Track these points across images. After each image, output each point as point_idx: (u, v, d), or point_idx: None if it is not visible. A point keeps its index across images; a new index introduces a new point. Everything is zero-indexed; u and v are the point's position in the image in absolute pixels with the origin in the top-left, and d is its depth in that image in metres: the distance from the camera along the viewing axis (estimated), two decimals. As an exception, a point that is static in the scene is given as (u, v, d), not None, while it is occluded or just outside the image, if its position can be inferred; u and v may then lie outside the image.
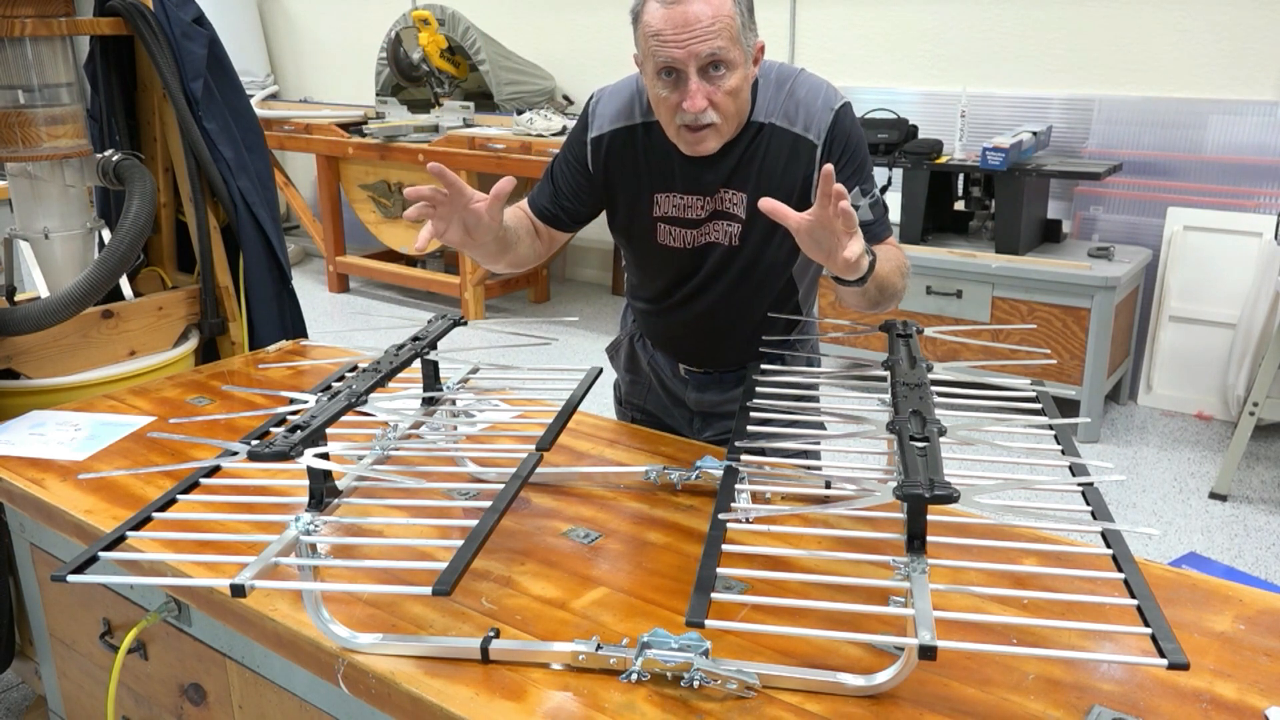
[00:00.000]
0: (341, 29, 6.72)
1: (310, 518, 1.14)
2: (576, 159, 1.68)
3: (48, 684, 1.92)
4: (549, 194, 1.70)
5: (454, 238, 1.44)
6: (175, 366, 2.37)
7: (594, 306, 5.66)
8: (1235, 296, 3.91)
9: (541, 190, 1.72)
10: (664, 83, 1.46)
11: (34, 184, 2.23)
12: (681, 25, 1.40)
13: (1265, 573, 2.96)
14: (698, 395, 1.84)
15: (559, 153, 1.72)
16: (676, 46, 1.41)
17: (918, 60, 4.62)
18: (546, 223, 1.71)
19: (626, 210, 1.68)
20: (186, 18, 2.33)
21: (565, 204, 1.69)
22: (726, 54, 1.42)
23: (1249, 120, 3.91)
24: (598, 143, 1.65)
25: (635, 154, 1.63)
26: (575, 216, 1.71)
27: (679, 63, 1.42)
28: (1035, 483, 1.18)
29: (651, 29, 1.43)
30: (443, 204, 1.40)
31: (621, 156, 1.64)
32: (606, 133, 1.64)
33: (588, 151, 1.66)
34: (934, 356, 3.92)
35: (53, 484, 1.63)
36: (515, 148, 4.87)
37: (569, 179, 1.69)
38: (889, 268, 1.50)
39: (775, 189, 1.58)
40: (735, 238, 1.63)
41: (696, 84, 1.43)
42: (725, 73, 1.44)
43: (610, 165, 1.65)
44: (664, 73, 1.45)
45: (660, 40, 1.42)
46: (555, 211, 1.70)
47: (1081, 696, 1.07)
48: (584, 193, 1.69)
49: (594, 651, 1.12)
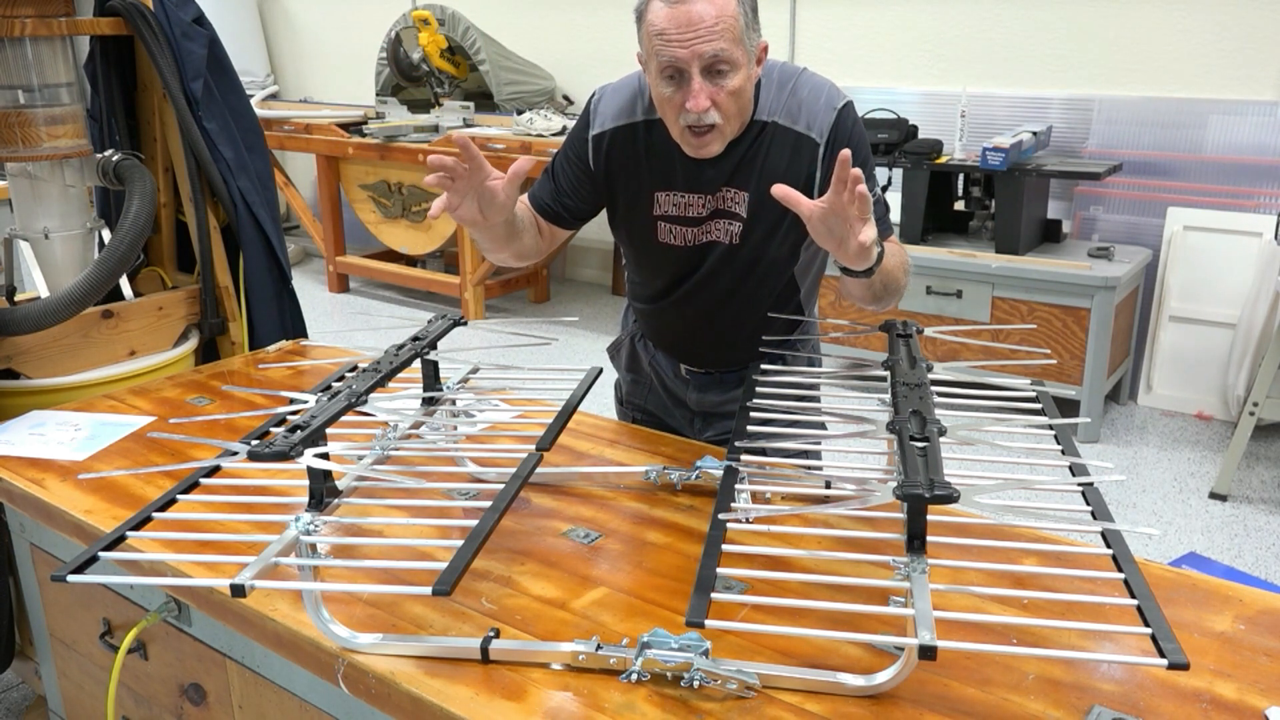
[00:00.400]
0: (341, 29, 6.72)
1: (310, 518, 1.14)
2: (578, 156, 1.68)
3: (48, 684, 1.92)
4: (550, 191, 1.70)
5: (466, 214, 1.44)
6: (175, 366, 2.37)
7: (594, 306, 5.66)
8: (1235, 296, 3.91)
9: (542, 186, 1.72)
10: (667, 82, 1.46)
11: (34, 184, 2.23)
12: (685, 25, 1.40)
13: (1265, 573, 2.96)
14: (699, 395, 1.84)
15: (560, 150, 1.72)
16: (680, 46, 1.41)
17: (918, 60, 4.62)
18: (547, 219, 1.71)
19: (627, 208, 1.68)
20: (186, 18, 2.33)
21: (566, 201, 1.69)
22: (729, 54, 1.42)
23: (1249, 120, 3.91)
24: (599, 140, 1.65)
25: (637, 151, 1.63)
26: (576, 213, 1.71)
27: (682, 62, 1.42)
28: (1035, 483, 1.18)
29: (655, 28, 1.43)
30: (461, 177, 1.40)
31: (623, 154, 1.64)
32: (608, 130, 1.64)
33: (589, 149, 1.66)
34: (934, 356, 3.92)
35: (53, 484, 1.63)
36: (515, 148, 4.87)
37: (570, 176, 1.69)
38: (893, 263, 1.51)
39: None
40: (736, 236, 1.63)
41: (700, 84, 1.44)
42: (728, 73, 1.44)
43: (611, 163, 1.65)
44: (667, 72, 1.45)
45: (664, 40, 1.42)
46: (556, 208, 1.70)
47: (1081, 696, 1.07)
48: (585, 189, 1.69)
49: (594, 651, 1.12)
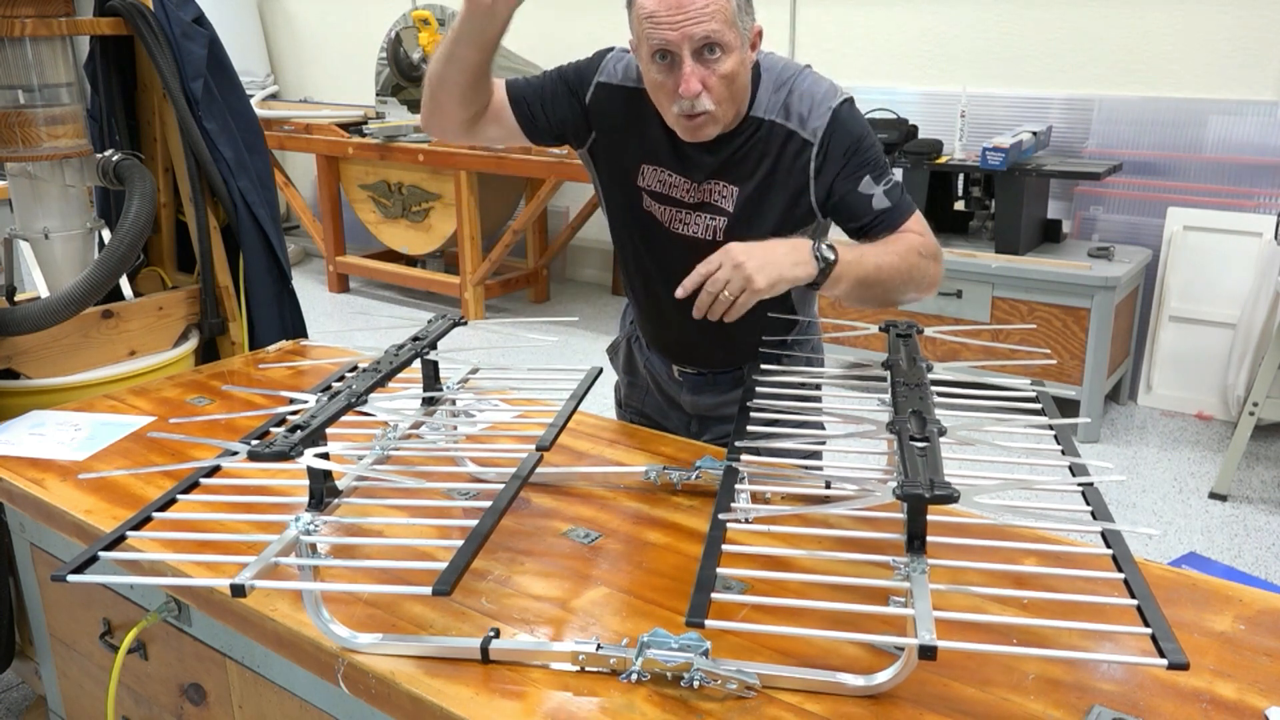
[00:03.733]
0: (341, 29, 6.72)
1: (310, 518, 1.14)
2: (574, 85, 1.65)
3: (48, 684, 1.92)
4: (535, 88, 1.66)
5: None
6: (175, 366, 2.37)
7: (594, 306, 5.66)
8: (1235, 296, 3.91)
9: (528, 83, 1.67)
10: (658, 66, 1.46)
11: (34, 184, 2.23)
12: (675, 7, 1.40)
13: (1265, 573, 2.96)
14: (693, 398, 1.84)
15: (557, 69, 1.68)
16: (670, 28, 1.41)
17: (918, 60, 4.62)
18: (513, 104, 1.65)
19: (614, 169, 1.67)
20: (186, 18, 2.33)
21: (541, 107, 1.65)
22: (721, 37, 1.42)
23: (1249, 120, 3.91)
24: (604, 87, 1.64)
25: (635, 116, 1.62)
26: (538, 123, 1.66)
27: (672, 45, 1.42)
28: (1035, 483, 1.18)
29: (645, 10, 1.43)
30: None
31: (623, 112, 1.63)
32: (616, 83, 1.63)
33: (590, 88, 1.64)
34: (934, 356, 3.92)
35: (53, 484, 1.63)
36: (515, 147, 4.88)
37: (557, 93, 1.65)
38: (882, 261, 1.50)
39: (770, 186, 1.58)
40: (720, 232, 1.62)
41: (691, 67, 1.43)
42: (720, 56, 1.44)
43: (609, 116, 1.64)
44: (658, 55, 1.44)
45: (654, 22, 1.42)
46: (530, 103, 1.65)
47: (1081, 696, 1.07)
48: (564, 112, 1.65)
49: (594, 651, 1.12)
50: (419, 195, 5.44)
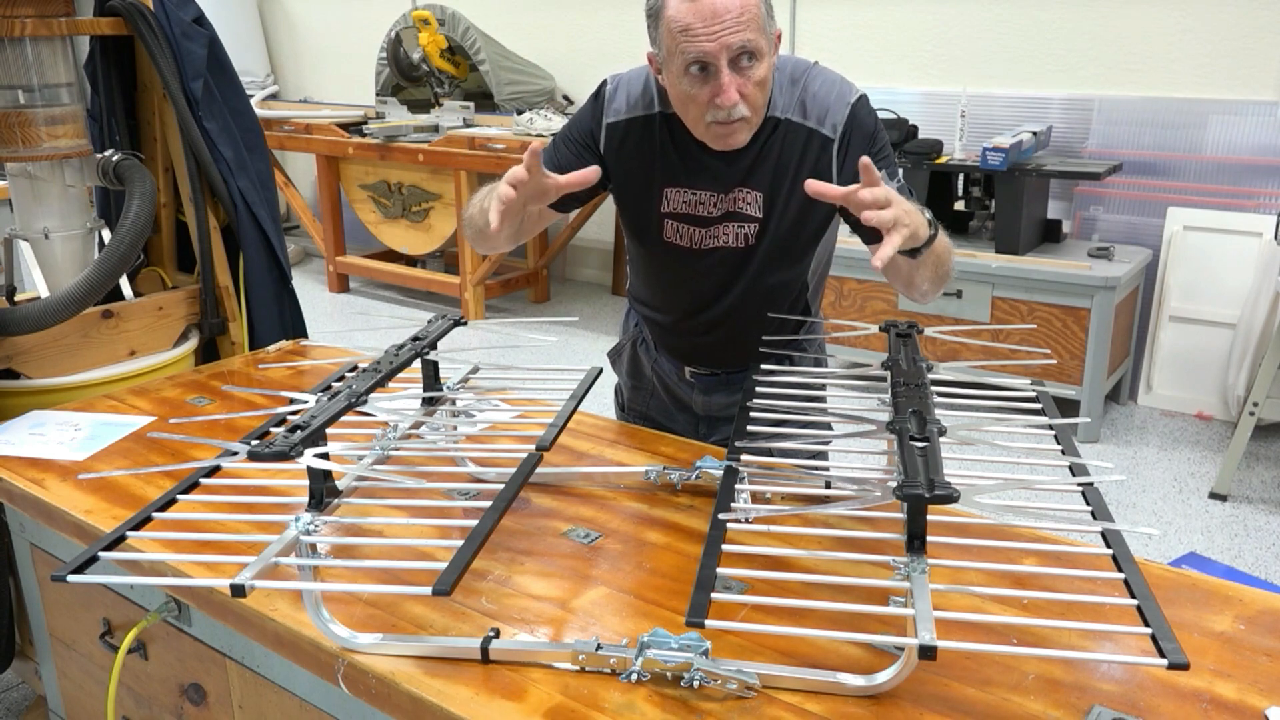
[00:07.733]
0: (341, 29, 6.72)
1: (310, 518, 1.14)
2: (584, 141, 1.64)
3: (48, 684, 1.92)
4: (553, 167, 1.62)
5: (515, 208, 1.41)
6: (175, 366, 2.37)
7: (594, 306, 5.66)
8: (1235, 296, 3.91)
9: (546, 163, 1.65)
10: (693, 78, 1.44)
11: (34, 184, 2.23)
12: (711, 18, 1.38)
13: (1265, 573, 2.96)
14: (705, 398, 1.83)
15: (561, 133, 1.68)
16: (708, 39, 1.39)
17: (918, 60, 4.62)
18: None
19: (634, 200, 1.66)
20: (186, 18, 2.33)
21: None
22: (756, 44, 1.41)
23: (1249, 120, 3.91)
24: (614, 128, 1.62)
25: (651, 144, 1.60)
26: (568, 200, 1.64)
27: (710, 56, 1.40)
28: (1035, 483, 1.17)
29: (679, 24, 1.40)
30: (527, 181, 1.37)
31: (637, 145, 1.61)
32: (623, 119, 1.61)
33: (601, 135, 1.62)
34: (934, 356, 3.92)
35: (53, 484, 1.63)
36: (515, 148, 4.87)
37: (575, 162, 1.63)
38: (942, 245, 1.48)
39: (795, 186, 1.56)
40: (751, 238, 1.61)
41: (729, 77, 1.41)
42: (754, 63, 1.43)
43: (624, 153, 1.62)
44: (694, 67, 1.42)
45: (690, 35, 1.40)
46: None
47: (1081, 696, 1.07)
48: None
49: (594, 651, 1.12)
50: (419, 195, 5.44)
